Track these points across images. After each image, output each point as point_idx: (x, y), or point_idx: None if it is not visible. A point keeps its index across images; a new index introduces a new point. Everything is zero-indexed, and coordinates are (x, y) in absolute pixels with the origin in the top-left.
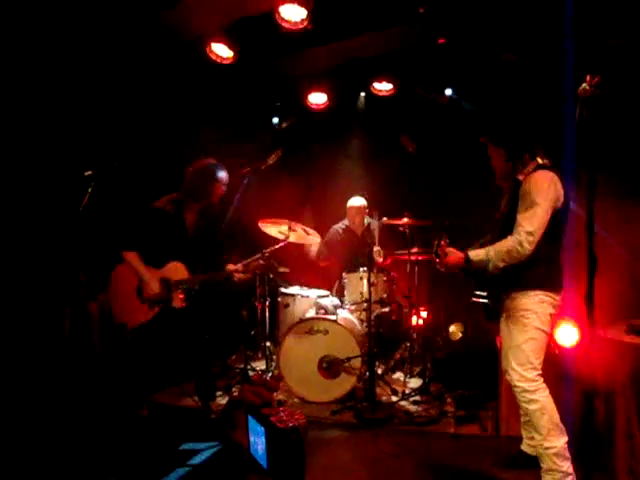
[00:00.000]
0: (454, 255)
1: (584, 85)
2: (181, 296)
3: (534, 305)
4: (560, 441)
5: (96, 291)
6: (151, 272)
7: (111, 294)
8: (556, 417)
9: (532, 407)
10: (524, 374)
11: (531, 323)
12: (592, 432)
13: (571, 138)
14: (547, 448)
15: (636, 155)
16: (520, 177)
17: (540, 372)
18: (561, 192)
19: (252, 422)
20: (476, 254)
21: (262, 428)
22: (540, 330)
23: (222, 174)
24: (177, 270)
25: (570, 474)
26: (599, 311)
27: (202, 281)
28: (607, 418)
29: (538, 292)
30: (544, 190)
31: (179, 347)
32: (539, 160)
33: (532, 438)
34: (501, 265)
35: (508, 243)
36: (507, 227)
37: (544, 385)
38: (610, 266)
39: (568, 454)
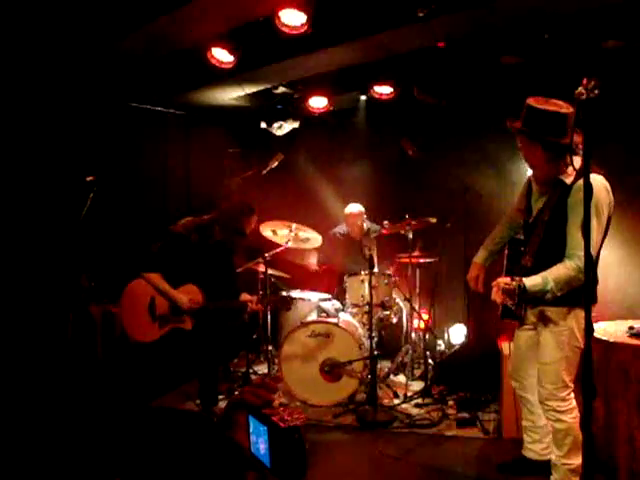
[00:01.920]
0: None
1: (580, 88)
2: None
3: (572, 321)
4: (579, 458)
5: (99, 295)
6: None
7: (123, 310)
8: (580, 437)
9: (558, 426)
10: (555, 393)
11: (567, 341)
12: (592, 434)
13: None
14: (565, 464)
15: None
16: (566, 179)
17: (572, 388)
18: (613, 201)
19: (253, 422)
20: (533, 284)
21: (264, 427)
22: (576, 347)
23: (254, 215)
24: (192, 293)
25: None
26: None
27: (217, 307)
28: (607, 420)
29: (577, 309)
30: (602, 201)
31: (186, 363)
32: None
33: (533, 442)
34: (559, 294)
35: (569, 272)
36: (552, 236)
37: (574, 405)
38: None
39: (581, 469)
